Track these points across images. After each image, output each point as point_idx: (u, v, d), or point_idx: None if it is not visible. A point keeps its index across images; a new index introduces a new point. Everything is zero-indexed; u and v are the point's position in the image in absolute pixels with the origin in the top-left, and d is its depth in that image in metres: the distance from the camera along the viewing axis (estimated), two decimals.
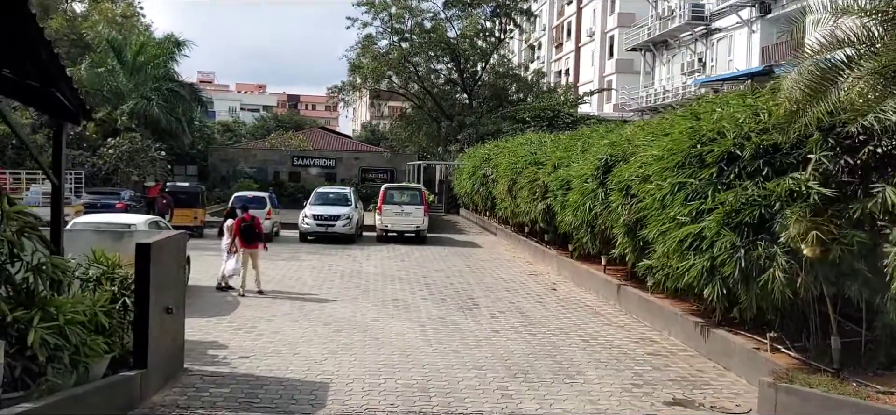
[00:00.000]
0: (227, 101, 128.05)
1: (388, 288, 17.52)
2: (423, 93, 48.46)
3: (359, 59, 47.44)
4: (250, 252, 16.17)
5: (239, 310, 14.35)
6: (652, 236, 11.11)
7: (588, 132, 18.96)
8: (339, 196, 28.98)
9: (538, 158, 21.23)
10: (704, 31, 42.36)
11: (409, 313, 14.66)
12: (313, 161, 47.80)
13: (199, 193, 28.13)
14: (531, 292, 17.52)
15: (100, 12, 45.43)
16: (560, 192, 17.11)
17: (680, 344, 12.49)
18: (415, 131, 49.23)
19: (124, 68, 35.24)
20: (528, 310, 15.29)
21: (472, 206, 39.77)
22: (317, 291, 16.71)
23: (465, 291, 17.47)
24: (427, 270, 20.67)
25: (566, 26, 70.00)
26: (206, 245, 25.20)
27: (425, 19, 47.08)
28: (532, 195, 20.56)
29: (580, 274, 18.80)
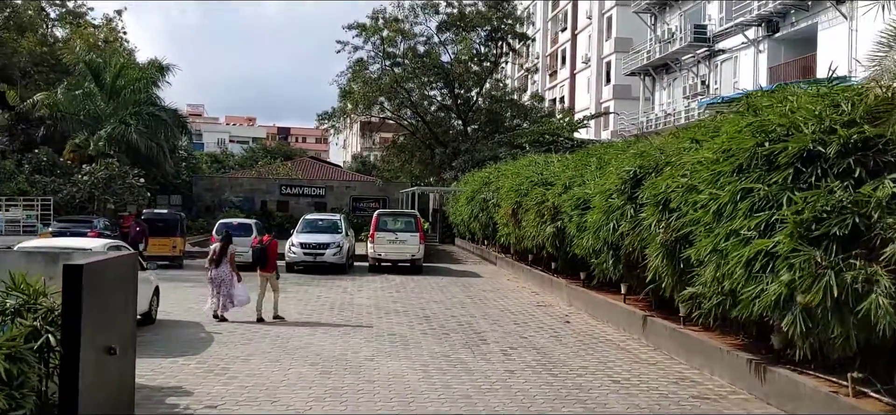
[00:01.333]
0: (215, 133, 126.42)
1: (383, 321, 15.61)
2: (416, 119, 46.82)
3: (349, 85, 45.80)
4: (266, 276, 15.46)
5: (212, 348, 12.40)
6: (701, 256, 9.30)
7: (602, 148, 17.26)
8: (329, 223, 27.13)
9: (546, 178, 19.48)
10: (707, 53, 41.00)
11: (408, 349, 12.76)
12: (302, 190, 45.88)
13: (179, 220, 26.19)
14: (543, 325, 15.65)
15: (81, 37, 43.72)
16: (575, 212, 15.31)
17: (727, 385, 10.63)
18: (408, 159, 47.51)
19: (102, 91, 33.36)
20: (542, 345, 13.42)
21: (469, 235, 37.93)
22: (303, 327, 14.78)
23: (469, 324, 15.59)
24: (425, 302, 18.78)
25: (560, 54, 68.84)
26: (185, 276, 23.26)
27: (418, 43, 45.59)
28: (540, 218, 18.78)
29: (596, 304, 16.97)
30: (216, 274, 15.11)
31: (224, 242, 15.58)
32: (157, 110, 35.19)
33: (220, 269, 15.12)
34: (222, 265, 15.14)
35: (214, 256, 15.32)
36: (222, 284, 15.02)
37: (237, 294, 15.05)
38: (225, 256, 15.21)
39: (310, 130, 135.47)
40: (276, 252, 16.24)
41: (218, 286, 15.05)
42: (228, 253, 15.32)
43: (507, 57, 50.73)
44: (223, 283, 15.02)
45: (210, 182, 46.70)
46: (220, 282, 15.04)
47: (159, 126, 35.13)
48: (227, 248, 15.41)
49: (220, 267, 15.12)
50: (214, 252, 15.42)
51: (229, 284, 15.02)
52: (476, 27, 45.87)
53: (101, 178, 29.08)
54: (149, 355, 11.66)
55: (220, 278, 15.05)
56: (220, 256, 15.25)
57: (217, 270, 15.14)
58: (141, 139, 32.51)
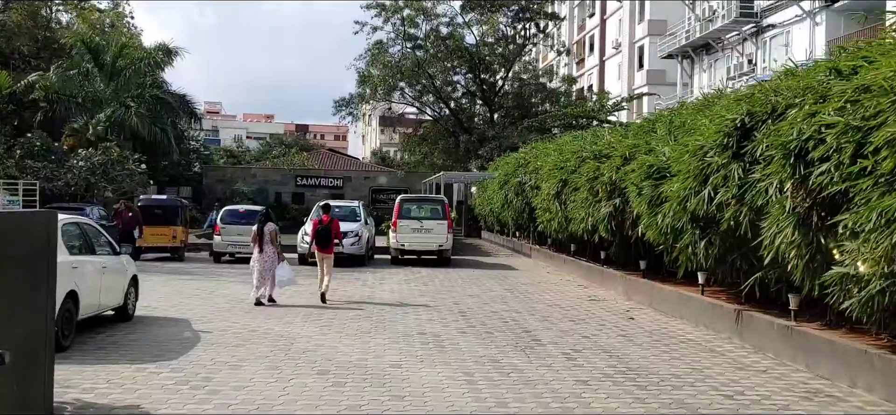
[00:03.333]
0: (232, 129, 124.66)
1: (410, 318, 12.86)
2: (439, 105, 44.01)
3: (368, 70, 43.08)
4: (324, 257, 14.71)
5: (195, 351, 9.71)
6: (861, 226, 6.48)
7: (668, 113, 14.45)
8: (347, 211, 24.43)
9: (600, 149, 16.62)
10: (754, 30, 37.87)
11: (444, 353, 10.00)
12: (319, 181, 43.15)
13: (179, 207, 23.60)
14: (604, 322, 12.84)
15: (85, 20, 41.42)
16: (647, 183, 12.43)
17: (882, 401, 7.79)
18: (430, 148, 44.70)
19: (102, 72, 30.89)
20: (612, 347, 10.62)
21: (498, 226, 35.12)
22: (312, 324, 12.07)
23: (514, 321, 12.81)
24: (458, 296, 16.01)
25: (588, 41, 65.65)
26: (185, 270, 20.71)
27: (441, 24, 42.76)
28: (592, 197, 15.96)
29: (664, 297, 14.15)
30: (259, 257, 13.97)
31: (261, 223, 14.46)
32: (162, 93, 32.67)
33: (265, 252, 14.02)
34: (266, 247, 14.05)
35: (255, 237, 14.25)
36: (266, 269, 13.94)
37: (280, 275, 14.00)
38: (264, 237, 14.11)
39: (329, 127, 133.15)
40: (339, 233, 15.53)
41: (261, 271, 13.92)
42: (267, 233, 14.18)
43: (536, 39, 47.70)
44: (267, 266, 13.95)
45: (221, 173, 44.14)
46: (264, 265, 13.94)
47: (164, 110, 32.62)
48: (265, 228, 14.26)
49: (264, 250, 14.03)
50: (254, 234, 14.33)
51: (272, 266, 13.98)
52: (502, 7, 42.90)
53: (98, 163, 26.57)
54: (111, 360, 9.02)
55: (264, 261, 13.97)
56: (259, 237, 14.15)
57: (260, 253, 14.01)
58: (143, 124, 29.96)
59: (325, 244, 14.90)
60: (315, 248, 15.04)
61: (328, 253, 14.86)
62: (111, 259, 11.31)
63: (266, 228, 14.29)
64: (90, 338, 10.29)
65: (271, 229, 14.33)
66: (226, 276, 19.20)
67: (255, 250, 14.09)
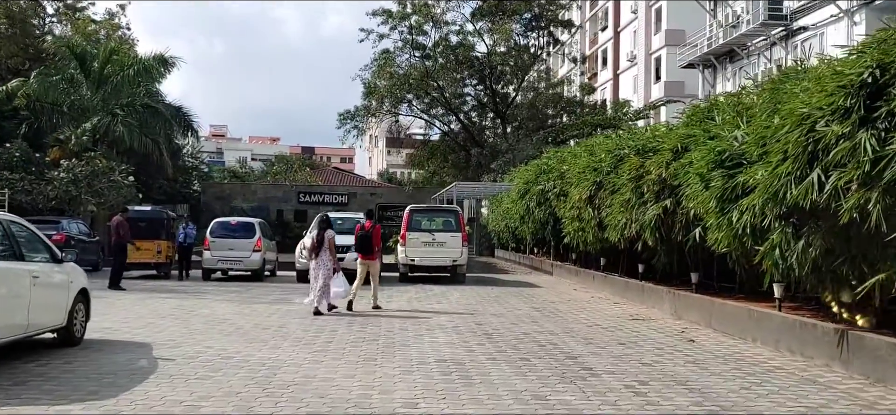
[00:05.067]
0: (237, 151, 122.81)
1: (425, 341, 10.51)
2: (448, 117, 41.81)
3: (374, 81, 40.93)
4: (369, 264, 14.31)
5: (144, 386, 7.38)
6: None
7: (726, 98, 12.21)
8: (349, 223, 22.10)
9: (645, 143, 14.33)
10: (784, 33, 35.62)
11: (472, 386, 7.66)
12: (322, 197, 40.78)
13: (165, 220, 21.33)
14: (661, 346, 10.49)
15: (78, 31, 39.49)
16: (718, 175, 10.08)
17: None
18: (440, 163, 42.42)
19: (89, 80, 28.75)
20: (685, 377, 8.28)
21: (513, 243, 32.81)
22: (303, 349, 9.73)
23: (552, 344, 10.46)
24: (481, 315, 13.66)
25: (600, 55, 63.54)
26: (169, 288, 18.41)
27: (451, 33, 40.65)
28: (637, 198, 13.64)
29: (726, 316, 11.81)
30: (316, 264, 13.44)
31: (321, 229, 13.83)
32: (153, 103, 30.51)
33: (321, 258, 13.47)
34: (322, 254, 13.50)
35: (313, 245, 13.71)
36: (320, 276, 13.35)
37: (335, 286, 13.41)
38: (323, 244, 13.59)
39: (335, 150, 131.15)
40: (380, 239, 14.88)
41: (325, 277, 13.36)
42: (327, 240, 13.64)
43: (550, 48, 45.53)
44: (322, 274, 13.36)
45: (220, 190, 41.88)
46: (326, 273, 13.40)
47: (156, 121, 30.45)
48: (325, 234, 13.70)
49: (320, 257, 13.48)
50: (313, 241, 13.80)
51: (328, 275, 13.41)
52: (515, 14, 40.80)
53: (81, 175, 24.37)
54: (26, 399, 6.74)
55: (320, 269, 13.40)
56: (318, 244, 13.58)
57: (316, 260, 13.47)
58: (131, 134, 27.75)
59: (368, 251, 14.38)
60: (358, 256, 14.54)
61: (372, 259, 14.42)
62: (46, 267, 9.02)
63: (326, 235, 13.71)
64: (9, 368, 7.98)
65: (331, 236, 13.78)
66: (212, 294, 16.91)
67: (313, 259, 13.55)
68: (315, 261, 13.52)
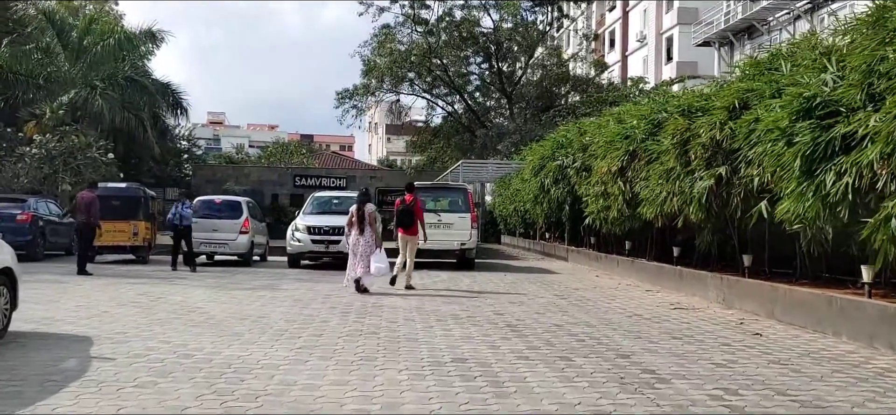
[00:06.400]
0: (235, 138, 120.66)
1: (437, 334, 8.52)
2: (452, 96, 39.71)
3: (374, 58, 38.81)
4: (408, 239, 13.77)
5: (67, 392, 5.41)
6: None
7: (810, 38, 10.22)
8: (347, 203, 20.01)
9: (690, 102, 12.33)
10: (809, 6, 33.55)
11: (505, 397, 5.67)
12: (319, 181, 38.59)
13: (141, 198, 19.28)
14: (727, 341, 8.54)
15: (62, 5, 37.34)
16: (805, 127, 8.04)
17: None
18: (444, 145, 40.36)
19: (68, 51, 26.67)
20: (784, 385, 6.33)
21: (522, 228, 30.84)
22: (285, 345, 7.74)
23: (593, 338, 8.48)
24: (498, 304, 11.67)
25: (608, 36, 61.41)
26: (145, 273, 16.38)
27: (455, 7, 38.48)
28: (682, 167, 11.63)
29: (794, 305, 9.89)
30: (356, 240, 12.82)
31: (360, 203, 13.11)
32: (137, 75, 28.42)
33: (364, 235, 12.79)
34: (366, 229, 12.82)
35: (352, 219, 13.04)
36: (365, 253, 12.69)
37: (375, 262, 12.64)
38: (364, 219, 12.92)
39: (335, 138, 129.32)
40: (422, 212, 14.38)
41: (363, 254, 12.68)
42: (368, 214, 12.95)
43: (559, 23, 43.40)
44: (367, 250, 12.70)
45: (212, 172, 39.74)
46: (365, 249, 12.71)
47: (140, 96, 28.37)
48: (365, 208, 13.00)
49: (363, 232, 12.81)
50: (352, 215, 13.11)
51: (369, 250, 12.71)
52: None
53: (55, 152, 22.35)
54: None
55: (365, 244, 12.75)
56: (358, 218, 12.92)
57: (356, 235, 12.84)
58: (111, 108, 25.66)
59: (408, 225, 13.79)
60: (398, 230, 13.93)
61: (412, 234, 13.81)
62: None
63: (366, 208, 13.03)
64: None
65: (371, 211, 13.10)
66: (187, 280, 14.90)
67: (353, 233, 12.88)
68: (355, 237, 12.86)
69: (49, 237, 19.27)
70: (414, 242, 13.86)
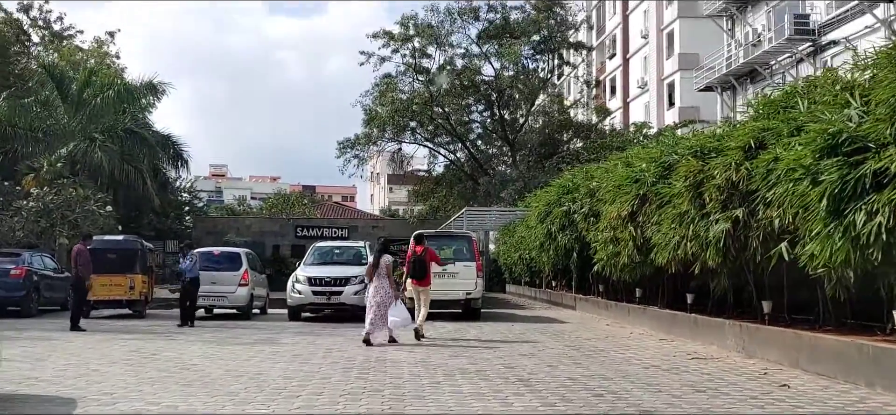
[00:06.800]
0: (237, 190, 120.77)
1: (445, 392, 8.00)
2: (454, 144, 39.51)
3: (375, 107, 38.71)
4: (421, 290, 13.71)
5: None
6: None
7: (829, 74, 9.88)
8: (349, 253, 19.75)
9: (702, 143, 11.96)
10: (812, 49, 33.45)
11: None
12: (321, 231, 38.16)
13: (138, 251, 18.85)
14: (754, 394, 8.04)
15: (63, 58, 37.44)
16: (832, 165, 7.62)
17: None
18: (446, 193, 40.01)
19: (67, 103, 26.49)
20: None
21: (527, 277, 30.30)
22: (282, 405, 7.23)
23: (612, 393, 7.98)
24: (509, 356, 11.13)
25: (609, 83, 61.52)
26: (136, 328, 15.88)
27: (456, 56, 38.50)
28: (696, 210, 11.20)
29: (822, 354, 9.37)
30: (373, 291, 12.69)
31: (378, 254, 13.14)
32: (136, 127, 28.22)
33: (378, 284, 12.71)
34: (382, 280, 12.77)
35: (370, 269, 13.07)
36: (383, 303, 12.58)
37: (393, 315, 12.46)
38: (378, 269, 12.83)
39: (337, 188, 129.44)
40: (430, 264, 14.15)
41: (379, 305, 12.54)
42: (382, 265, 12.86)
43: (561, 70, 43.40)
44: (381, 302, 12.59)
45: (212, 224, 39.42)
46: (382, 301, 12.60)
47: (140, 148, 28.14)
48: (381, 259, 12.93)
49: (380, 282, 12.74)
50: (369, 266, 13.22)
51: (385, 302, 12.59)
52: (522, 36, 38.69)
53: (53, 205, 21.99)
54: None
55: (382, 296, 12.65)
56: (373, 269, 12.90)
57: (372, 286, 12.75)
58: (110, 160, 25.37)
59: (421, 276, 13.76)
60: (411, 281, 13.87)
61: (425, 284, 13.78)
62: None
63: (382, 259, 12.93)
64: None
65: (388, 262, 13.00)
66: (184, 334, 14.40)
67: (371, 286, 12.81)
68: (372, 287, 12.77)
69: (44, 292, 18.83)
70: (426, 292, 13.80)
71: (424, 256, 13.89)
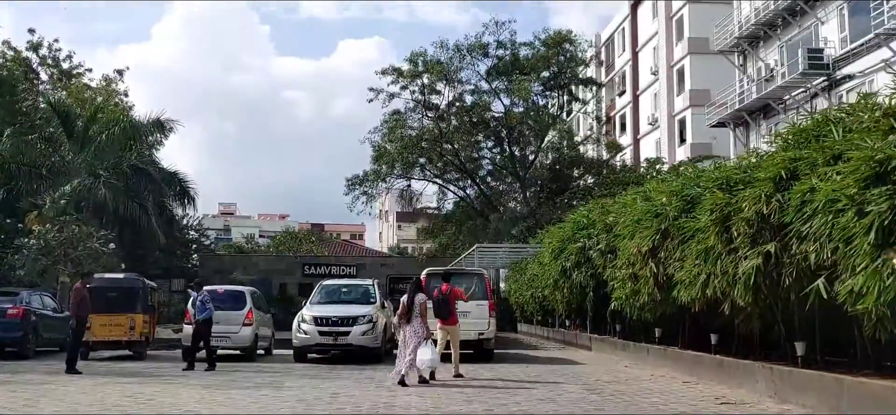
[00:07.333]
0: (246, 228, 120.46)
1: None
2: (464, 181, 39.03)
3: (384, 144, 38.37)
4: (448, 330, 13.62)
5: None
6: None
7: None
8: (356, 291, 19.14)
9: (728, 175, 11.38)
10: (826, 83, 32.94)
11: None
12: (329, 269, 37.59)
13: (140, 290, 18.30)
14: None
15: (71, 95, 37.32)
16: (880, 192, 7.06)
17: None
18: (456, 230, 39.44)
19: (72, 140, 26.16)
20: None
21: (539, 316, 29.56)
22: None
23: None
24: (527, 401, 10.47)
25: (619, 120, 61.17)
26: (136, 371, 15.25)
27: (465, 92, 38.22)
28: (723, 246, 10.59)
29: (865, 399, 8.73)
30: (409, 332, 12.51)
31: (413, 293, 12.85)
32: (142, 163, 27.87)
33: (413, 325, 12.54)
34: (414, 321, 12.57)
35: (404, 310, 12.77)
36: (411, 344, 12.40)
37: (422, 354, 12.27)
38: (414, 309, 12.65)
39: (345, 227, 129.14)
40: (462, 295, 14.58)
41: (415, 346, 12.34)
42: (417, 304, 12.68)
43: (570, 107, 43.05)
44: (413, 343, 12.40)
45: (219, 263, 38.94)
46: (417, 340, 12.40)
47: (145, 184, 27.75)
48: (415, 298, 12.74)
49: (412, 323, 12.57)
50: (403, 306, 12.85)
51: (419, 343, 12.40)
52: (531, 72, 38.38)
53: (54, 243, 21.53)
54: None
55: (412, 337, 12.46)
56: (408, 309, 12.65)
57: (409, 326, 12.55)
58: (116, 196, 24.96)
59: (446, 315, 13.66)
60: (437, 322, 13.62)
61: (451, 324, 13.66)
62: None
63: (417, 299, 12.73)
64: None
65: (422, 301, 12.79)
66: (183, 378, 13.77)
67: (404, 325, 12.61)
68: (407, 328, 12.60)
69: (42, 333, 18.27)
70: (455, 331, 13.69)
71: (449, 296, 13.70)
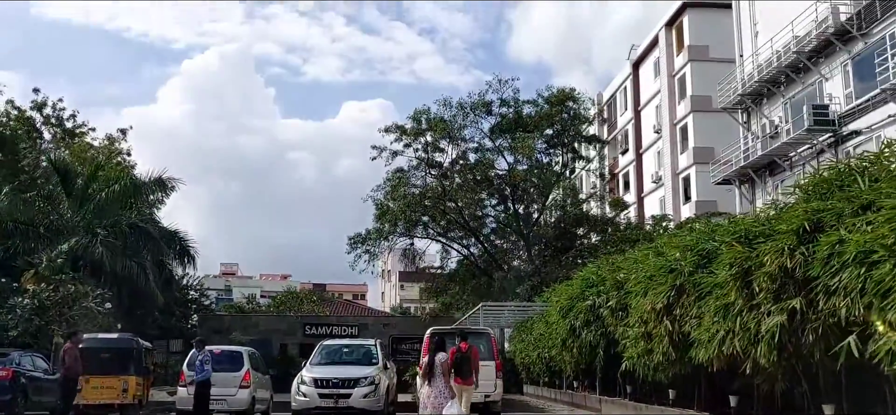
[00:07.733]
0: (247, 288, 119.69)
1: None
2: (468, 239, 38.59)
3: (386, 202, 38.06)
4: (464, 389, 13.43)
5: None
6: None
7: None
8: (358, 352, 18.57)
9: (747, 227, 10.93)
10: (832, 140, 32.68)
11: None
12: (331, 329, 36.93)
13: (133, 350, 17.73)
14: None
15: (74, 155, 37.17)
16: None
17: None
18: (460, 289, 38.85)
19: (71, 199, 25.86)
20: None
21: (546, 377, 28.77)
22: None
23: None
24: None
25: (622, 178, 61.01)
26: None
27: (468, 150, 38.07)
28: (744, 299, 10.08)
29: None
30: (430, 392, 12.73)
31: (433, 351, 13.09)
32: (140, 221, 27.51)
33: (437, 385, 12.76)
34: (436, 378, 12.79)
35: (426, 371, 13.03)
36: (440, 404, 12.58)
37: (446, 411, 12.42)
38: (436, 367, 12.82)
39: (347, 286, 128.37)
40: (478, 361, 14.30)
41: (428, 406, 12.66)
42: (438, 363, 12.86)
43: (574, 164, 42.84)
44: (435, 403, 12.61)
45: (219, 323, 38.27)
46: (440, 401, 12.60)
47: (144, 242, 27.34)
48: (436, 358, 12.91)
49: (435, 381, 12.79)
50: (426, 368, 13.10)
51: (441, 401, 12.60)
52: (536, 129, 38.29)
53: (48, 301, 21.01)
54: None
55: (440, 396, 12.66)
56: (429, 368, 12.86)
57: (431, 386, 12.78)
58: (114, 255, 24.53)
59: (466, 374, 13.52)
60: (454, 380, 13.41)
61: (468, 384, 13.61)
62: None
63: (437, 358, 12.86)
64: None
65: (443, 359, 12.91)
66: None
67: (425, 386, 12.77)
68: (429, 388, 12.71)
69: (32, 396, 17.63)
70: (470, 392, 13.63)
71: (469, 354, 13.49)
